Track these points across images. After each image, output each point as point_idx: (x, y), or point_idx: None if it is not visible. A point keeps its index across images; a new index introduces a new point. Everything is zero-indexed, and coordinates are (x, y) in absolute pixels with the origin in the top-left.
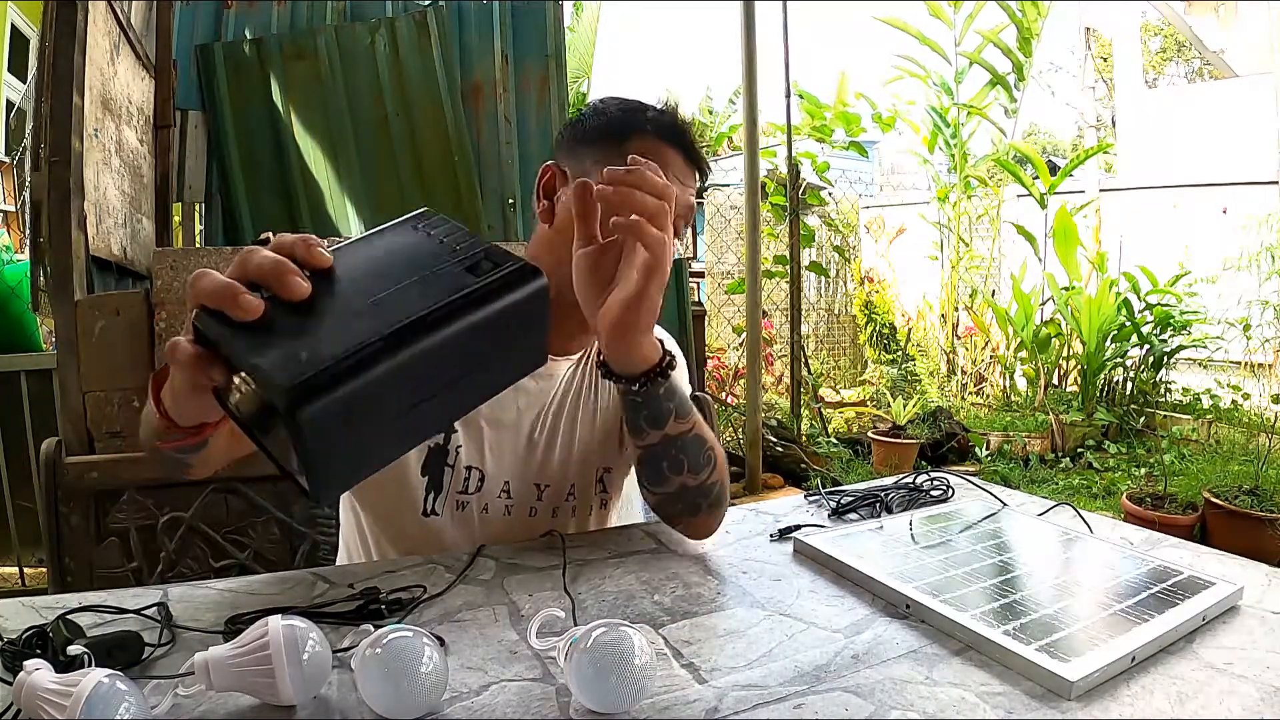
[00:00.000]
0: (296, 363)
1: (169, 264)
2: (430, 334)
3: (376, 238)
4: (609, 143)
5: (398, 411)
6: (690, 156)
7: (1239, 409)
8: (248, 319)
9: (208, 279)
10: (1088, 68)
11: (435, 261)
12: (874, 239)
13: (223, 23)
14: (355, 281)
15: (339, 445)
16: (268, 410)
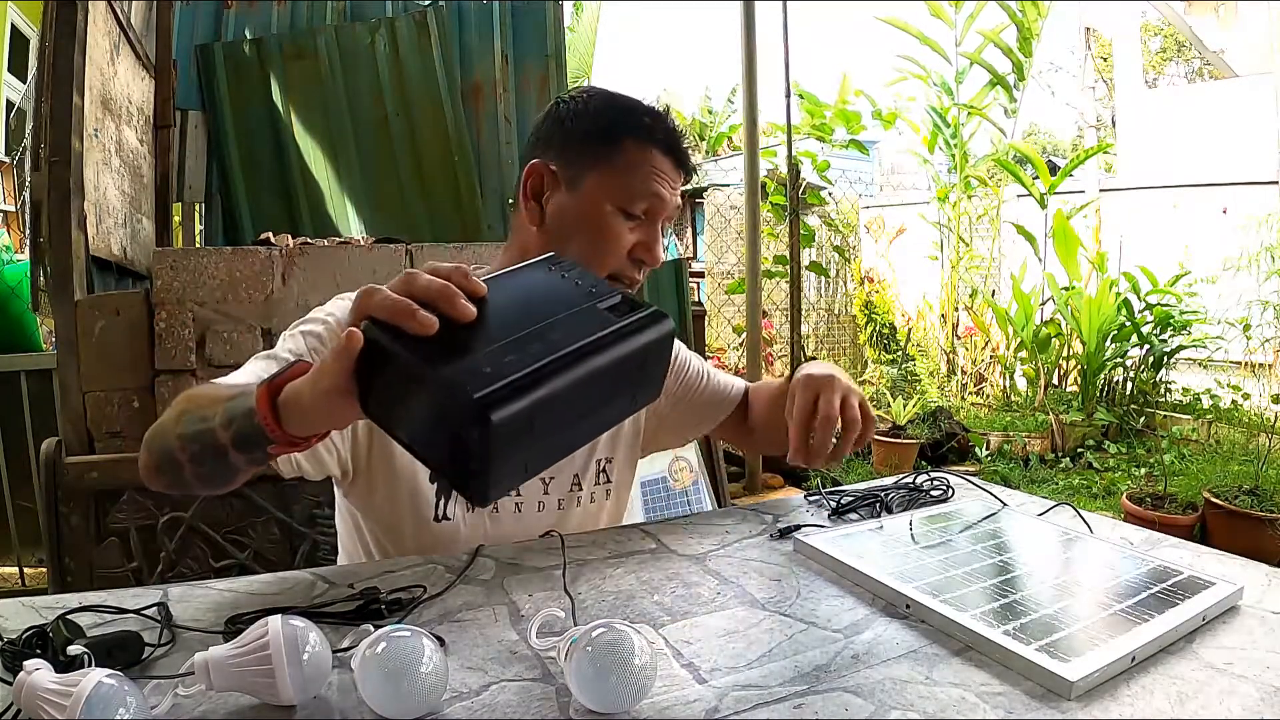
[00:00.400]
0: (483, 375)
1: (169, 264)
2: (594, 358)
3: (516, 275)
4: (601, 146)
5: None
6: (679, 161)
7: (1239, 409)
8: (425, 334)
9: (380, 294)
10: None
11: (580, 299)
12: (874, 239)
13: (223, 23)
14: (508, 310)
15: (514, 452)
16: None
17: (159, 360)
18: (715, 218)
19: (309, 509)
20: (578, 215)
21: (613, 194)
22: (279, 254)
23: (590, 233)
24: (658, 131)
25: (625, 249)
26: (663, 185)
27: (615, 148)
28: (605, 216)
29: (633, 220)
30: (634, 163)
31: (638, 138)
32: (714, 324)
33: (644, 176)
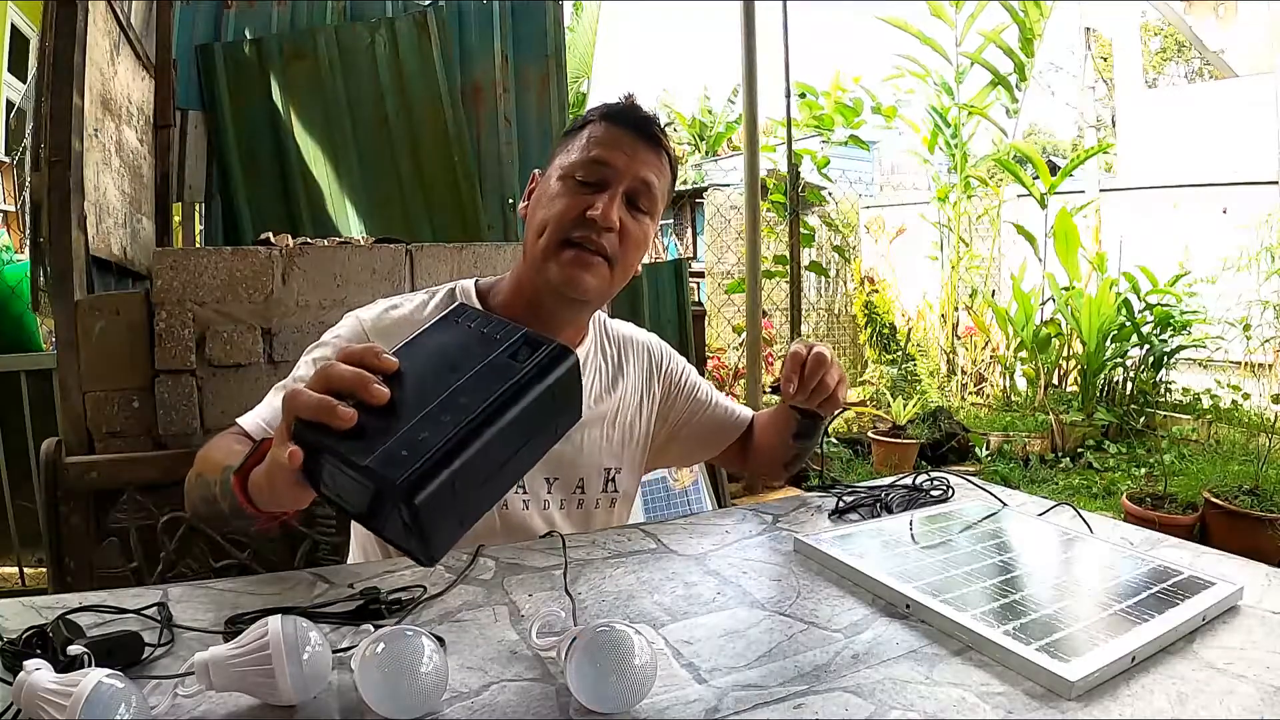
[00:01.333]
0: (400, 460)
1: (169, 264)
2: (500, 416)
3: (425, 337)
4: (569, 137)
5: (484, 479)
6: (642, 134)
7: (1239, 409)
8: (346, 427)
9: (304, 397)
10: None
11: (484, 351)
12: (874, 239)
13: (223, 23)
14: (421, 379)
15: (446, 516)
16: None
17: (159, 360)
18: (715, 218)
19: (309, 509)
20: (540, 193)
21: (564, 165)
22: (279, 254)
23: (544, 203)
24: (612, 109)
25: (576, 211)
26: (612, 152)
27: (576, 133)
28: (555, 184)
29: (586, 188)
30: (585, 137)
31: (594, 120)
32: (714, 324)
33: (587, 145)
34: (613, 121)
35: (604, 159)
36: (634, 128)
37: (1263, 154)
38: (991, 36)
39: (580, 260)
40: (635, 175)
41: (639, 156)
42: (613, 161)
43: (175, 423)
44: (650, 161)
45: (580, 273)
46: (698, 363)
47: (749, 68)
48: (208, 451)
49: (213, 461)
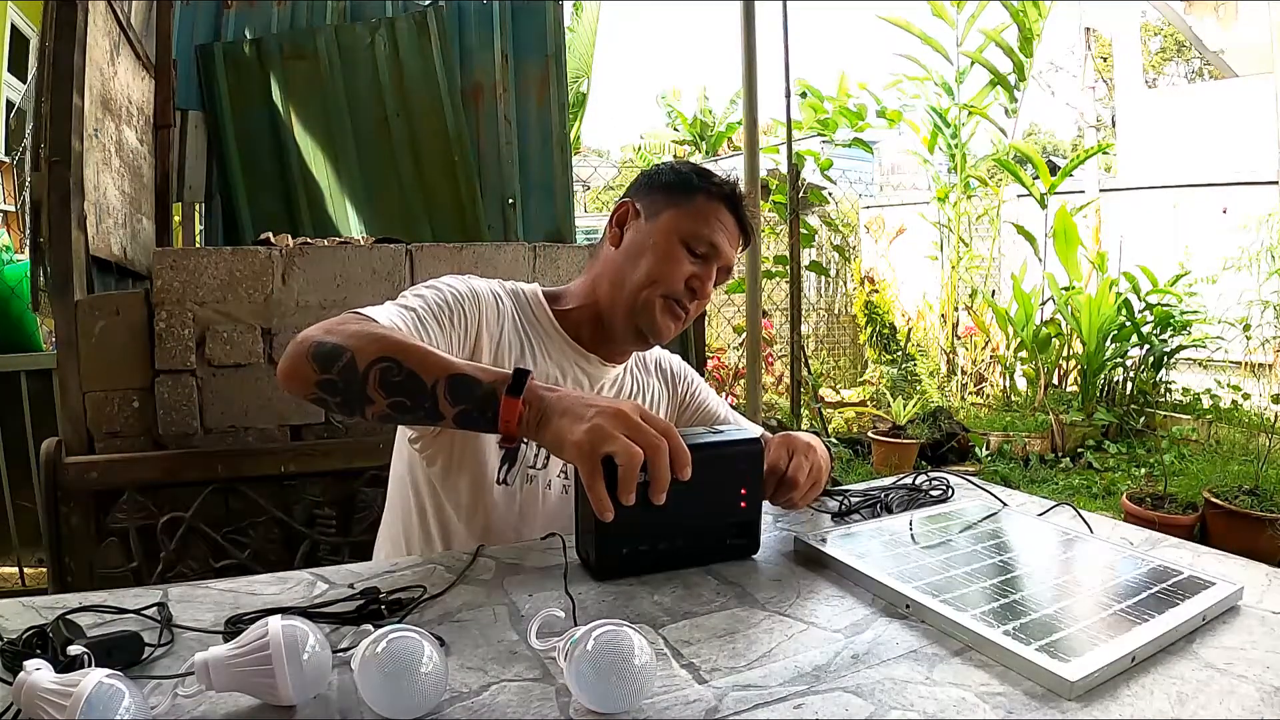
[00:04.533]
0: (614, 561)
1: (169, 264)
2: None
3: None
4: (680, 193)
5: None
6: (740, 222)
7: (1239, 409)
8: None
9: (626, 454)
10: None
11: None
12: (874, 239)
13: (223, 23)
14: (674, 497)
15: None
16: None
17: (159, 360)
18: None
19: (309, 509)
20: (651, 241)
21: (681, 229)
22: (279, 254)
23: (657, 255)
24: (727, 194)
25: (683, 276)
26: (722, 236)
27: (691, 197)
28: (672, 245)
29: (694, 257)
30: (703, 210)
31: (710, 194)
32: (714, 324)
33: (708, 223)
34: (727, 206)
35: (714, 241)
36: (738, 219)
37: (1263, 154)
38: (992, 36)
39: (672, 314)
40: (728, 260)
41: (734, 245)
42: (722, 249)
43: (175, 423)
44: (737, 248)
45: (669, 324)
46: (698, 363)
47: (749, 68)
48: (386, 334)
49: (419, 355)
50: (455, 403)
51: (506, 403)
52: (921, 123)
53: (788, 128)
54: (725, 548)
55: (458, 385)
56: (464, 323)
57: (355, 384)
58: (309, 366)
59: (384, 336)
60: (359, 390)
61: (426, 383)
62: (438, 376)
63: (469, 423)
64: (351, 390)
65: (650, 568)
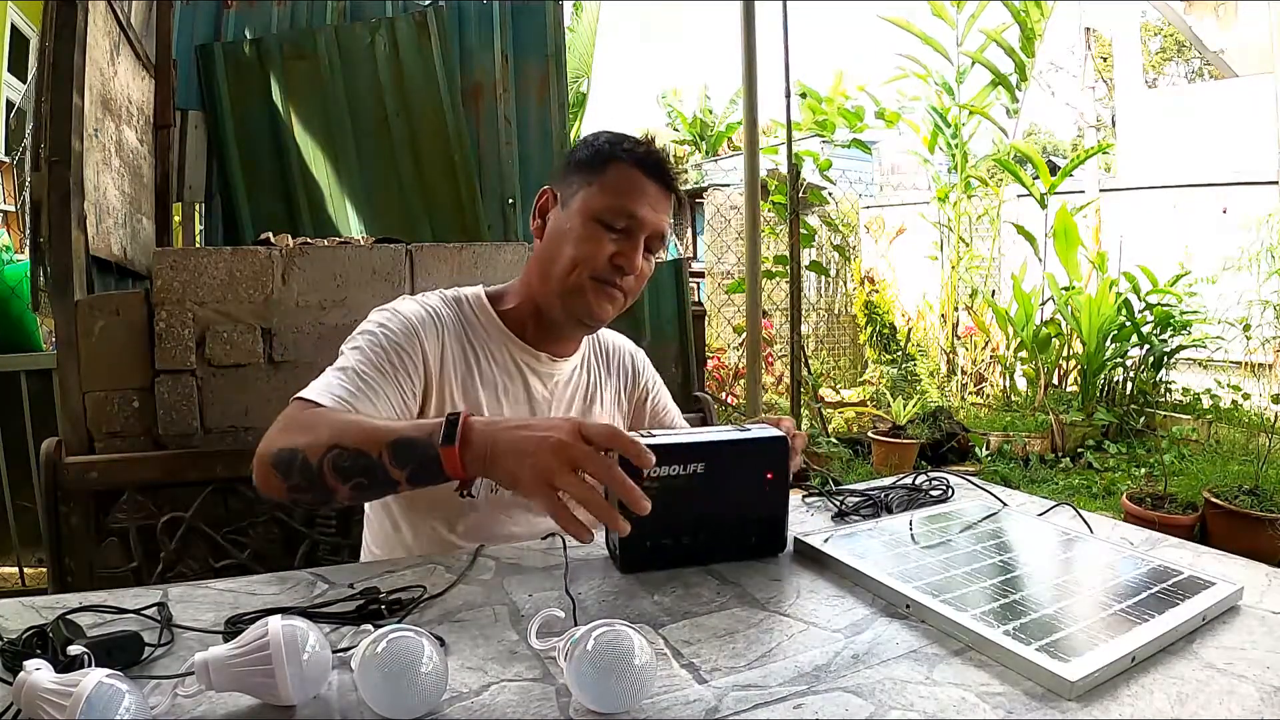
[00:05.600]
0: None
1: (169, 264)
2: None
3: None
4: (592, 169)
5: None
6: (661, 183)
7: (1239, 409)
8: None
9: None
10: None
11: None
12: (874, 239)
13: (223, 23)
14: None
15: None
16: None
17: (159, 360)
18: (715, 218)
19: (309, 509)
20: (568, 225)
21: (594, 207)
22: (279, 254)
23: (575, 239)
24: (639, 156)
25: (605, 255)
26: (642, 204)
27: (603, 170)
28: (588, 226)
29: (614, 233)
30: (616, 182)
31: (621, 161)
32: (714, 324)
33: (624, 193)
34: (641, 170)
35: (632, 211)
36: (658, 179)
37: (1263, 154)
38: (993, 36)
39: (605, 295)
40: (656, 227)
41: (660, 209)
42: (640, 214)
43: (175, 423)
44: (666, 212)
45: (604, 306)
46: (697, 363)
47: (749, 67)
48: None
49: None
50: (402, 466)
51: (445, 454)
52: (922, 122)
53: (788, 128)
54: (751, 545)
55: (400, 449)
56: (406, 359)
57: (316, 480)
58: (275, 478)
59: (327, 424)
60: (320, 485)
61: (373, 456)
62: (380, 447)
63: (422, 481)
64: (315, 487)
65: (676, 561)
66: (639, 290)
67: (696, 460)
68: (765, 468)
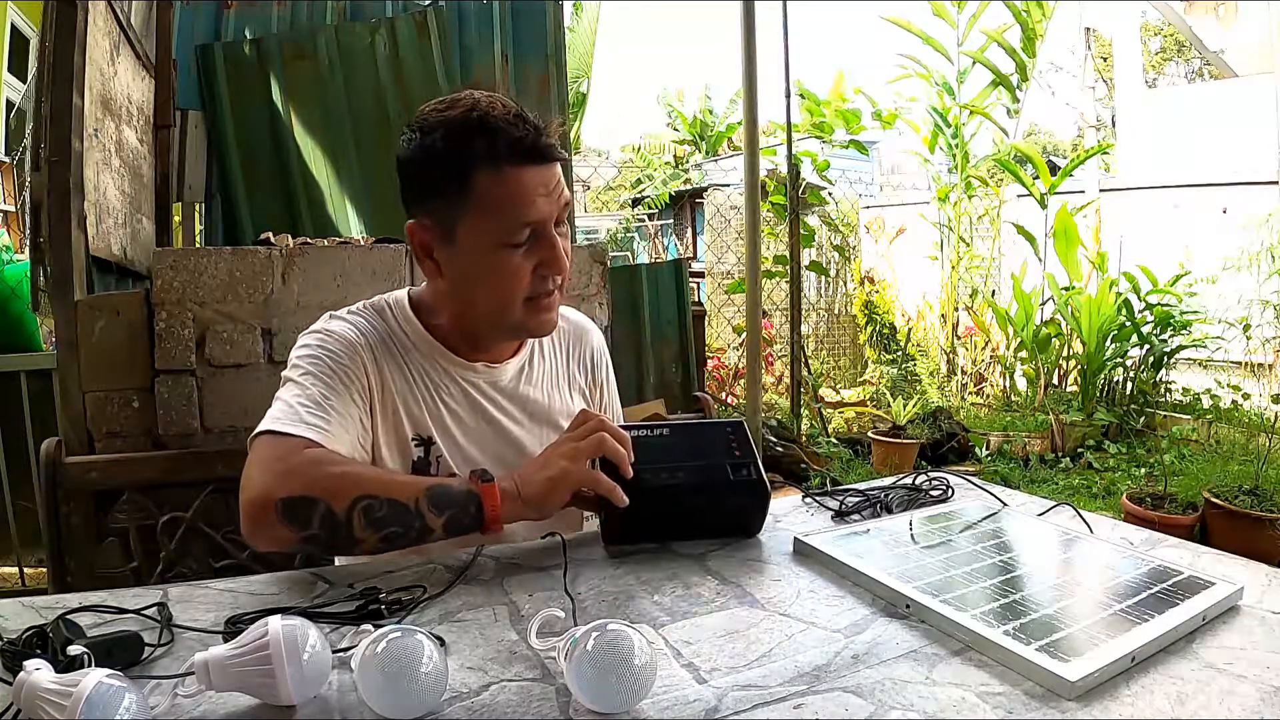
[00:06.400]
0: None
1: (169, 264)
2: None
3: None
4: (455, 193)
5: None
6: (537, 158)
7: (1239, 409)
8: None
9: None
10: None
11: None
12: (874, 239)
13: (223, 23)
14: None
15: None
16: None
17: (159, 360)
18: (715, 218)
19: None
20: (468, 268)
21: (490, 236)
22: (279, 254)
23: (487, 281)
24: (498, 147)
25: (527, 276)
26: (534, 198)
27: (468, 188)
28: (492, 259)
29: (522, 247)
30: (492, 197)
31: (482, 168)
32: (714, 324)
33: (509, 205)
34: (517, 164)
35: (529, 219)
36: (538, 160)
37: (1263, 154)
38: (994, 36)
39: (546, 307)
40: (559, 206)
41: (553, 188)
42: (544, 214)
43: (175, 423)
44: (559, 181)
45: (549, 317)
46: (697, 363)
47: (749, 68)
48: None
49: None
50: (440, 512)
51: (487, 490)
52: (922, 122)
53: (787, 128)
54: (739, 509)
55: (437, 496)
56: (353, 379)
57: (340, 530)
58: (284, 528)
59: (348, 474)
60: (345, 535)
61: (409, 505)
62: (416, 495)
63: (457, 527)
64: (338, 537)
65: (664, 534)
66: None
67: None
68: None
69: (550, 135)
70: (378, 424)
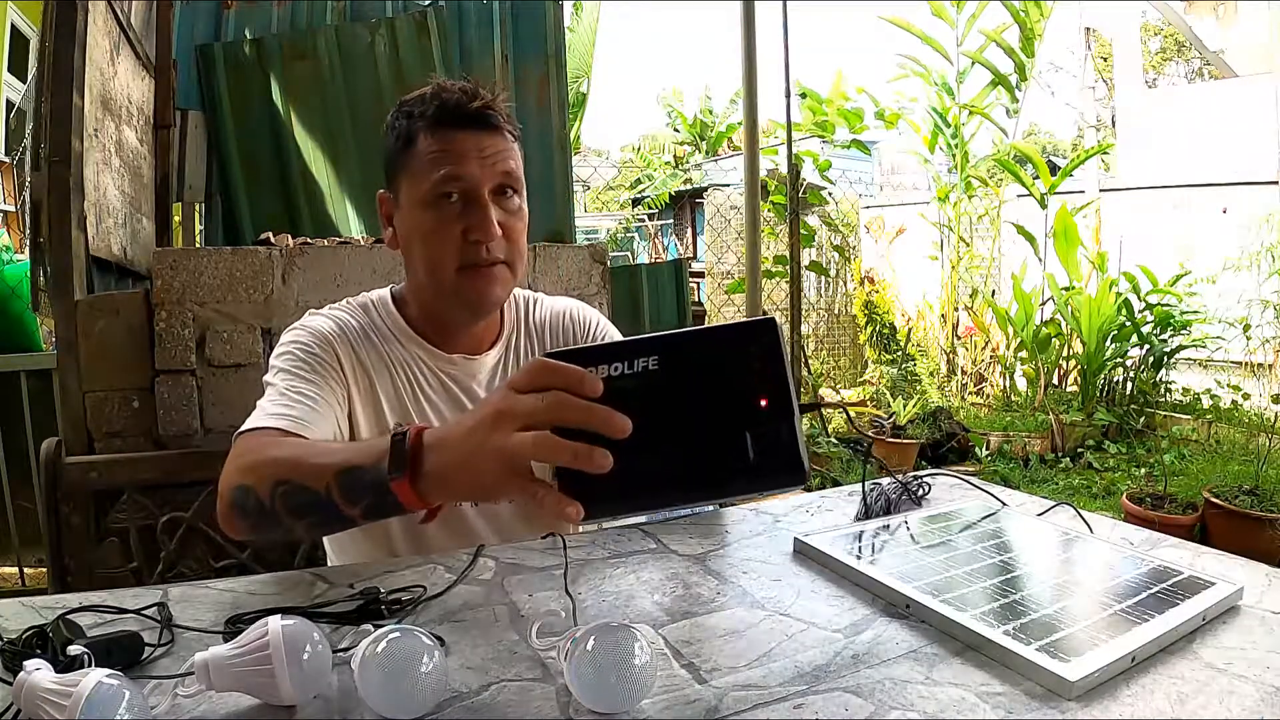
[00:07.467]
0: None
1: (169, 264)
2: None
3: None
4: (403, 151)
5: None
6: (478, 124)
7: (1239, 409)
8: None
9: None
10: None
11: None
12: (874, 239)
13: (223, 23)
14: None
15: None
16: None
17: (159, 360)
18: (715, 218)
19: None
20: (407, 226)
21: (420, 194)
22: (279, 254)
23: (418, 237)
24: (434, 114)
25: (454, 238)
26: (462, 164)
27: (412, 146)
28: (424, 216)
29: (449, 209)
30: (427, 153)
31: (421, 129)
32: None
33: (432, 164)
34: (446, 126)
35: (458, 174)
36: (471, 123)
37: (1263, 154)
38: (993, 36)
39: (482, 277)
40: (494, 173)
41: (489, 154)
42: (468, 173)
43: (175, 423)
44: (501, 150)
45: (486, 289)
46: None
47: (749, 67)
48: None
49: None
50: (353, 502)
51: (398, 488)
52: (922, 122)
53: (788, 128)
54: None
55: (346, 484)
56: (327, 370)
57: (272, 519)
58: (237, 520)
59: (273, 457)
60: (275, 522)
61: (320, 492)
62: (327, 480)
63: (379, 515)
64: (274, 525)
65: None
66: (521, 244)
67: (646, 355)
68: (749, 359)
69: (494, 106)
70: (358, 413)
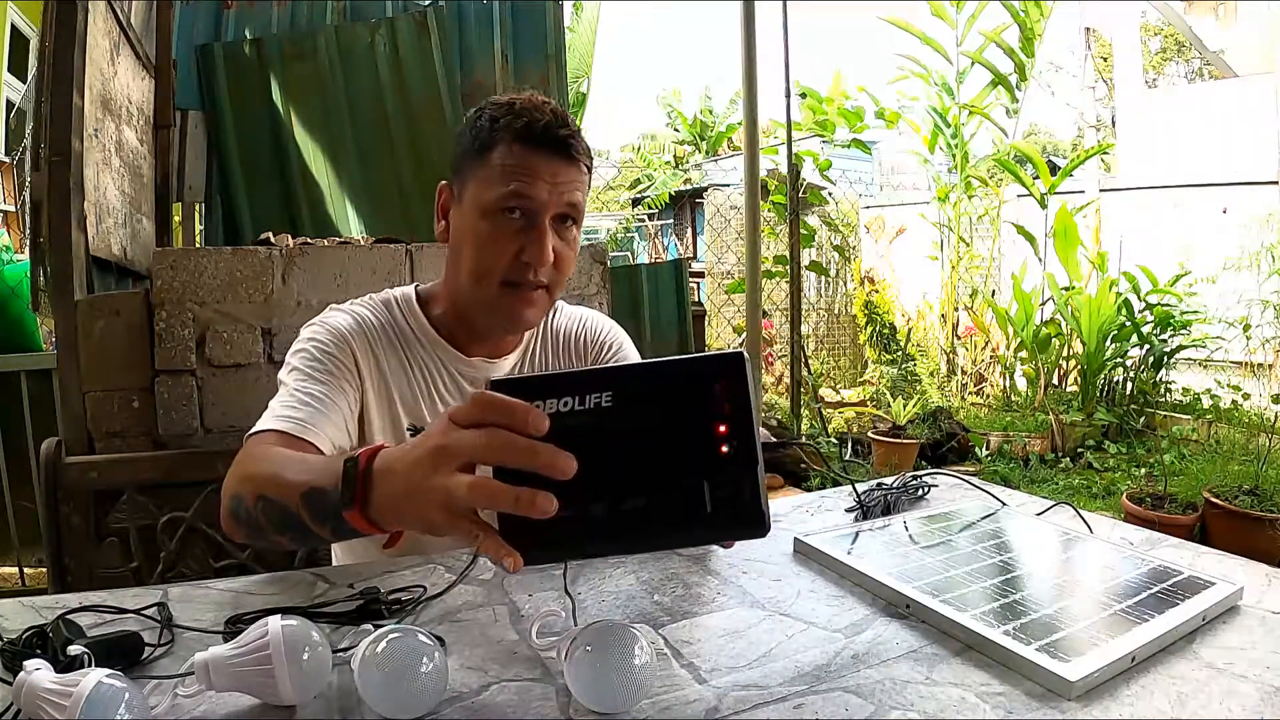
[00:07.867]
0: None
1: (169, 264)
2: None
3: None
4: (477, 157)
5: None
6: (559, 151)
7: (1239, 409)
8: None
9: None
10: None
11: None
12: (874, 239)
13: (223, 23)
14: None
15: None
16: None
17: (159, 360)
18: (715, 218)
19: None
20: (463, 227)
21: (485, 202)
22: (279, 254)
23: (472, 242)
24: (520, 129)
25: (507, 254)
26: (536, 182)
27: (487, 155)
28: (483, 224)
29: (510, 223)
30: (501, 166)
31: (502, 140)
32: (714, 324)
33: (511, 178)
34: (527, 144)
35: (527, 194)
36: (551, 149)
37: (1263, 154)
38: (992, 36)
39: (524, 299)
40: (560, 203)
41: (562, 180)
42: (536, 195)
43: (175, 423)
44: (573, 181)
45: (524, 310)
46: None
47: (749, 68)
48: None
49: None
50: (320, 523)
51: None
52: (922, 122)
53: (788, 128)
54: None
55: (311, 503)
56: (341, 369)
57: (260, 530)
58: (235, 527)
59: (258, 469)
60: (265, 535)
61: (294, 510)
62: (296, 500)
63: (346, 536)
64: (263, 536)
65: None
66: (568, 272)
67: (599, 389)
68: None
69: (577, 137)
70: (371, 411)
